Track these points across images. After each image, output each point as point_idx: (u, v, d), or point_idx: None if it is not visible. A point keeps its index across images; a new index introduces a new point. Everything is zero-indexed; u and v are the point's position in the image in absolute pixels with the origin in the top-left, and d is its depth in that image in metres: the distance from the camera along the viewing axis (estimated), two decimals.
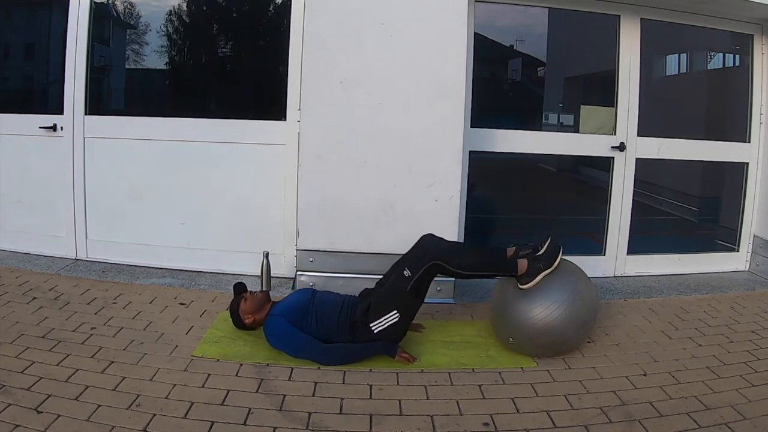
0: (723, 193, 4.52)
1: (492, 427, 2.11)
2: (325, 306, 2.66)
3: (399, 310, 2.58)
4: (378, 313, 2.58)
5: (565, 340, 2.64)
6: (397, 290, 2.60)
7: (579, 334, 2.69)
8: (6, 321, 2.80)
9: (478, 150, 3.62)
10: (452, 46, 3.22)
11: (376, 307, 2.59)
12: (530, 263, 2.61)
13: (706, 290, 3.71)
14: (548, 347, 2.64)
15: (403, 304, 2.60)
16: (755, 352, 2.78)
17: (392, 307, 2.58)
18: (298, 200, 3.35)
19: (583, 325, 2.68)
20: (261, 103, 3.84)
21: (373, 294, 2.70)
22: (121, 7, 3.82)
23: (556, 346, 2.65)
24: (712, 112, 4.40)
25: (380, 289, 2.71)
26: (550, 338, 2.59)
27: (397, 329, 2.60)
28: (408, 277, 2.58)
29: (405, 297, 2.60)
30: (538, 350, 2.67)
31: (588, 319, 2.70)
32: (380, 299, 2.62)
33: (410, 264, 2.61)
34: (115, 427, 1.99)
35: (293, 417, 2.12)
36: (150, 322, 2.89)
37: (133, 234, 3.73)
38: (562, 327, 2.57)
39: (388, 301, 2.60)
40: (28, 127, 3.71)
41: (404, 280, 2.59)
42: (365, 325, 2.58)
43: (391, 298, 2.60)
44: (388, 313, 2.57)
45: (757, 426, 2.14)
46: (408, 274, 2.58)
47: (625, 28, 3.76)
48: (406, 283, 2.58)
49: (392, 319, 2.57)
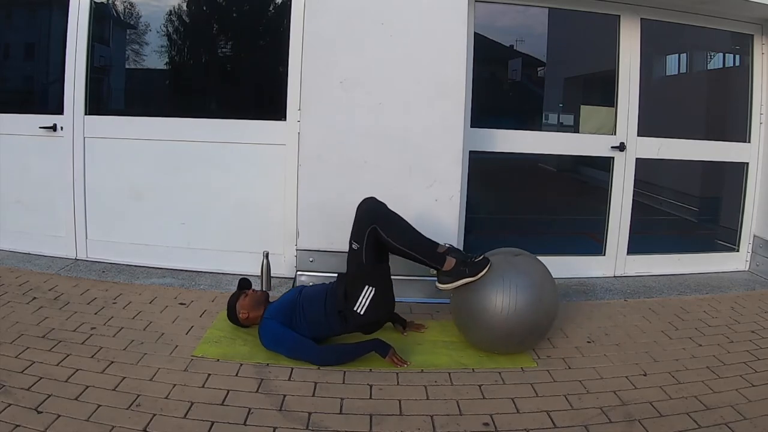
0: (723, 193, 4.52)
1: (492, 427, 2.11)
2: (311, 302, 2.66)
3: (369, 283, 2.57)
4: (354, 295, 2.58)
5: (537, 329, 2.62)
6: (357, 265, 2.58)
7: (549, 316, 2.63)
8: (6, 321, 2.80)
9: (478, 150, 3.62)
10: (452, 46, 3.22)
11: (350, 290, 2.60)
12: (457, 264, 2.58)
13: (706, 290, 3.71)
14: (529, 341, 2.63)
15: (369, 275, 2.59)
16: (755, 352, 2.78)
17: (362, 283, 2.58)
18: (298, 200, 3.35)
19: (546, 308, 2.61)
20: (261, 103, 3.84)
21: (345, 276, 2.69)
22: (121, 7, 3.82)
23: (535, 337, 2.65)
24: (712, 112, 4.41)
25: (347, 270, 2.70)
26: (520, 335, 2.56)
27: (380, 301, 2.59)
28: (358, 249, 2.56)
29: (367, 268, 2.57)
30: (522, 347, 2.66)
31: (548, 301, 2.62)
32: (349, 280, 2.63)
33: (355, 235, 2.60)
34: (115, 427, 1.99)
35: (293, 417, 2.12)
36: (150, 322, 2.89)
37: (133, 234, 3.73)
38: (525, 320, 2.53)
39: (356, 280, 2.60)
40: (28, 127, 3.71)
41: (356, 253, 2.57)
42: (350, 310, 2.59)
43: (357, 275, 2.60)
44: (362, 291, 2.57)
45: (757, 426, 2.14)
46: (356, 247, 2.57)
47: (625, 28, 3.76)
48: (360, 255, 2.56)
49: (368, 294, 2.57)
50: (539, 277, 2.64)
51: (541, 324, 2.62)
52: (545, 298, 2.61)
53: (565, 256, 3.83)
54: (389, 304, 2.66)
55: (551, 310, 2.66)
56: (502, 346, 2.65)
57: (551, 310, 2.66)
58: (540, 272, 2.66)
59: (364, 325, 2.65)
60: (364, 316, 2.59)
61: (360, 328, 2.66)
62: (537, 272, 2.65)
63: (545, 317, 2.63)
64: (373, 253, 2.57)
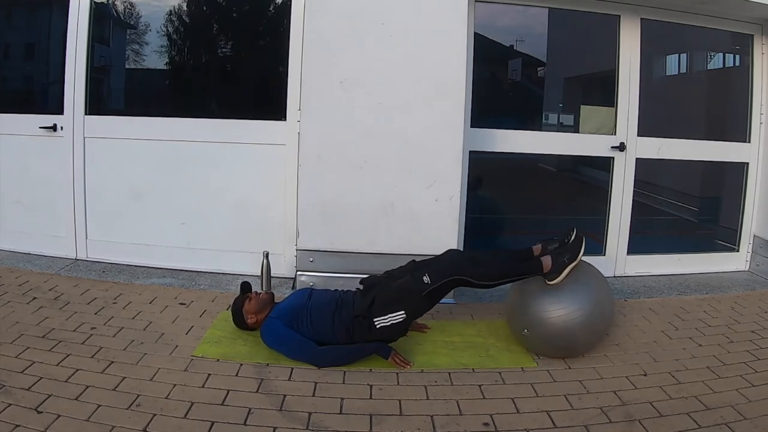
0: (723, 193, 4.52)
1: (492, 427, 2.11)
2: (320, 310, 2.62)
3: (407, 311, 2.55)
4: (384, 310, 2.54)
5: (577, 343, 2.65)
6: (411, 292, 2.56)
7: (589, 340, 2.69)
8: (6, 321, 2.80)
9: (478, 150, 3.62)
10: (452, 46, 3.22)
11: (383, 303, 2.55)
12: (554, 259, 2.63)
13: (706, 290, 3.71)
14: (559, 348, 2.65)
15: (413, 306, 2.58)
16: (755, 352, 2.78)
17: (401, 306, 2.55)
18: (298, 200, 3.35)
19: (595, 333, 2.69)
20: (261, 103, 3.83)
21: (380, 286, 2.64)
22: (121, 7, 3.82)
23: (565, 349, 2.65)
24: (712, 112, 4.41)
25: (390, 282, 2.65)
26: (564, 339, 2.59)
27: (399, 329, 2.59)
28: (427, 284, 2.55)
29: (417, 300, 2.58)
30: (547, 348, 2.67)
31: (601, 329, 2.72)
32: (390, 296, 2.57)
33: (432, 272, 2.58)
34: (115, 427, 1.99)
35: (293, 417, 2.12)
36: (150, 322, 2.89)
37: (133, 234, 3.73)
38: (578, 330, 2.57)
39: (398, 300, 2.56)
40: (28, 127, 3.71)
41: (421, 284, 2.55)
42: (368, 318, 2.54)
43: (403, 298, 2.56)
44: (396, 312, 2.54)
45: (757, 426, 2.14)
46: (427, 281, 2.55)
47: (625, 28, 3.76)
48: (423, 288, 2.55)
49: (398, 318, 2.54)
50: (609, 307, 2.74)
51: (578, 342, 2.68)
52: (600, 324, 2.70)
53: None
54: (400, 333, 2.63)
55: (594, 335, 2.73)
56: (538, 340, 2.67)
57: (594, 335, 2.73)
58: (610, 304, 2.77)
59: (369, 340, 2.59)
60: (377, 332, 2.55)
61: (364, 340, 2.60)
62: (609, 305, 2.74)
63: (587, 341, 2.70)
64: (435, 295, 2.60)
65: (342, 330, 2.58)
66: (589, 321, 2.59)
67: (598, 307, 2.64)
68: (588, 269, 2.75)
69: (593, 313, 2.60)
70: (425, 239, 3.24)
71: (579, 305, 2.57)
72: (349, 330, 2.58)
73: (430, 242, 3.20)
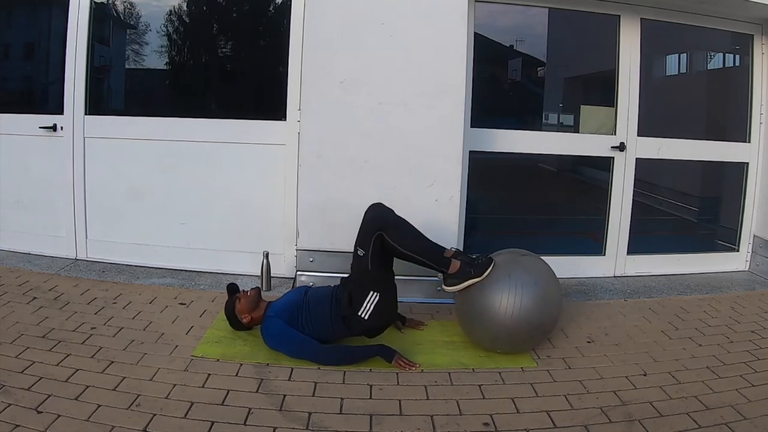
0: (723, 193, 4.52)
1: (492, 427, 2.11)
2: (317, 304, 2.66)
3: (374, 289, 2.58)
4: (359, 300, 2.58)
5: (541, 327, 2.63)
6: (362, 271, 2.59)
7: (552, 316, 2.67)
8: (6, 321, 2.80)
9: (478, 150, 3.62)
10: (452, 46, 3.22)
11: (354, 295, 2.60)
12: (462, 266, 2.61)
13: (706, 290, 3.71)
14: (532, 340, 2.65)
15: (375, 281, 2.60)
16: (755, 352, 2.78)
17: (367, 288, 2.58)
18: (298, 200, 3.35)
19: (551, 307, 2.64)
20: (261, 103, 3.83)
21: (349, 281, 2.69)
22: (121, 7, 3.83)
23: (538, 336, 2.66)
24: (712, 112, 4.41)
25: (352, 274, 2.70)
26: (524, 333, 2.58)
27: (384, 307, 2.60)
28: (363, 256, 2.56)
29: (373, 275, 2.59)
30: (524, 346, 2.68)
31: (552, 300, 2.66)
32: (354, 285, 2.63)
33: (360, 242, 2.60)
34: (115, 427, 1.99)
35: (293, 417, 2.12)
36: (150, 322, 2.89)
37: (133, 234, 3.73)
38: (529, 318, 2.55)
39: (360, 285, 2.60)
40: (28, 127, 3.70)
41: (362, 259, 2.57)
42: (354, 315, 2.59)
43: (362, 280, 2.61)
44: (367, 296, 2.57)
45: (757, 426, 2.14)
46: (362, 253, 2.57)
47: (625, 28, 3.75)
48: (365, 261, 2.56)
49: (373, 299, 2.57)
50: (544, 276, 2.66)
51: (544, 323, 2.64)
52: (550, 297, 2.63)
53: (565, 256, 3.83)
54: (393, 310, 2.67)
55: (555, 309, 2.68)
56: (506, 344, 2.65)
57: (555, 309, 2.68)
58: (545, 272, 2.69)
59: (368, 330, 2.65)
60: (368, 321, 2.59)
61: (364, 332, 2.66)
62: (542, 272, 2.68)
63: (549, 316, 2.65)
64: (379, 259, 2.58)
65: (339, 322, 2.62)
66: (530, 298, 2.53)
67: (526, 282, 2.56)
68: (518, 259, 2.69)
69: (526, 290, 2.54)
70: None
71: (507, 290, 2.53)
72: (348, 330, 2.63)
73: None
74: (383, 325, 2.66)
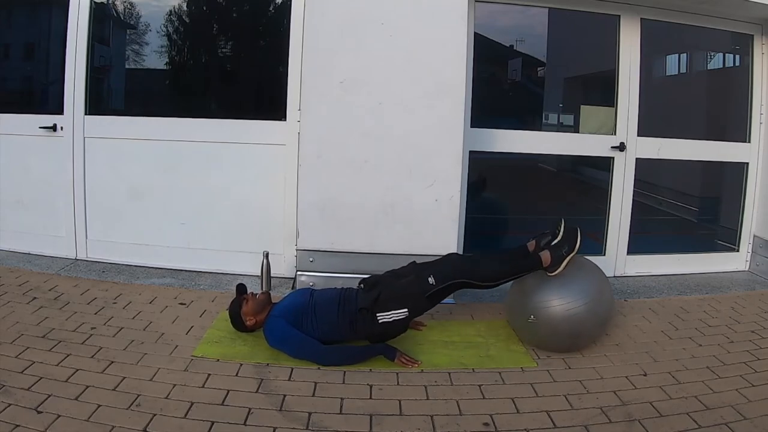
0: (723, 193, 4.52)
1: (492, 427, 2.11)
2: (324, 305, 2.66)
3: (409, 310, 2.63)
4: (387, 306, 2.60)
5: (582, 333, 2.68)
6: (415, 292, 2.64)
7: (595, 330, 2.74)
8: (6, 321, 2.80)
9: (478, 150, 3.62)
10: (452, 46, 3.22)
11: (387, 300, 2.61)
12: (552, 253, 2.68)
13: (706, 290, 3.71)
14: (563, 338, 2.67)
15: (416, 305, 2.66)
16: (755, 352, 2.78)
17: (404, 305, 2.61)
18: (298, 200, 3.35)
19: (600, 323, 2.74)
20: (261, 103, 3.84)
21: (384, 284, 2.69)
22: (121, 7, 3.83)
23: (571, 339, 2.68)
24: (712, 112, 4.40)
25: (394, 281, 2.70)
26: (567, 328, 2.62)
27: (399, 325, 2.65)
28: (432, 285, 2.63)
29: (421, 300, 2.65)
30: (552, 338, 2.69)
31: (605, 318, 2.77)
32: (394, 294, 2.63)
33: (437, 274, 2.65)
34: (115, 427, 1.99)
35: (293, 417, 2.12)
36: (150, 322, 2.89)
37: (133, 234, 3.72)
38: (583, 320, 2.62)
39: (402, 299, 2.62)
40: (28, 127, 3.70)
41: (426, 285, 2.63)
42: (371, 313, 2.60)
43: (407, 296, 2.63)
44: (399, 310, 2.60)
45: (757, 426, 2.14)
46: (432, 282, 2.63)
47: (625, 28, 3.76)
48: (428, 289, 2.63)
49: (400, 315, 2.61)
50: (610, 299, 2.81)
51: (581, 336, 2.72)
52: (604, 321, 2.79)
53: None
54: (400, 330, 2.69)
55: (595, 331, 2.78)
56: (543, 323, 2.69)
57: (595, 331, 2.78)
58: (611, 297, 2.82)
59: (372, 335, 2.66)
60: (379, 326, 2.61)
61: (368, 336, 2.66)
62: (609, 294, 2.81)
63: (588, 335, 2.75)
64: (439, 295, 2.69)
65: (346, 324, 2.62)
66: (591, 311, 2.63)
67: (599, 299, 2.69)
68: (587, 264, 2.81)
69: (594, 304, 2.65)
70: (425, 239, 3.25)
71: (580, 296, 2.62)
72: (353, 324, 2.62)
73: (430, 242, 3.21)
74: (387, 337, 2.67)
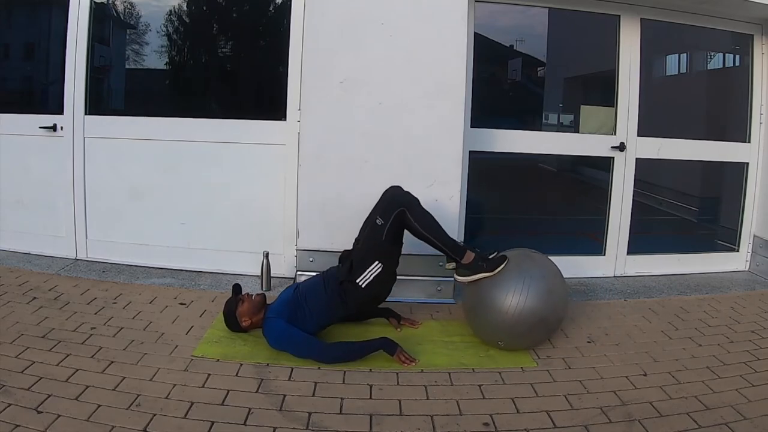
0: (723, 193, 4.52)
1: (492, 427, 2.12)
2: (312, 292, 2.71)
3: (380, 260, 2.65)
4: (361, 267, 2.64)
5: (544, 322, 2.64)
6: (374, 241, 2.66)
7: (556, 313, 2.70)
8: (6, 321, 2.80)
9: (478, 150, 3.62)
10: (452, 46, 3.22)
11: (358, 262, 2.66)
12: (476, 258, 2.67)
13: (706, 290, 3.71)
14: (534, 334, 2.67)
15: (383, 252, 2.67)
16: (755, 352, 2.78)
17: (373, 258, 2.65)
18: (298, 200, 3.35)
19: (555, 303, 2.68)
20: (261, 103, 3.84)
21: (353, 251, 2.75)
22: (121, 7, 3.83)
23: (541, 332, 2.68)
24: (712, 112, 4.41)
25: (357, 244, 2.76)
26: (527, 325, 2.60)
27: (382, 279, 2.67)
28: (381, 225, 2.64)
29: (383, 246, 2.67)
30: (525, 341, 2.69)
31: (558, 296, 2.70)
32: (361, 254, 2.68)
33: (381, 212, 2.68)
34: (115, 427, 1.99)
35: (293, 417, 2.12)
36: (150, 322, 2.89)
37: (133, 234, 3.72)
38: (534, 310, 2.58)
39: (368, 253, 2.66)
40: (28, 127, 3.70)
41: (378, 228, 2.64)
42: (352, 282, 2.64)
43: (371, 249, 2.67)
44: (371, 265, 2.64)
45: (757, 426, 2.14)
46: (381, 222, 2.65)
47: (625, 28, 3.75)
48: (381, 231, 2.64)
49: (375, 269, 2.64)
50: (552, 273, 2.73)
51: (548, 319, 2.66)
52: (556, 293, 2.69)
53: (565, 256, 3.80)
54: (389, 285, 2.74)
55: (561, 306, 2.73)
56: (508, 337, 2.66)
57: (561, 306, 2.73)
58: (552, 269, 2.75)
59: (362, 301, 2.70)
60: (365, 290, 2.64)
61: (358, 304, 2.71)
62: (550, 268, 2.74)
63: (553, 313, 2.68)
64: (394, 232, 2.68)
65: (337, 301, 2.67)
66: (536, 297, 2.58)
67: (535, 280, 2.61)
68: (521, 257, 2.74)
69: (535, 288, 2.59)
70: None
71: (517, 287, 2.58)
72: (342, 298, 2.67)
73: None
74: (377, 297, 2.72)
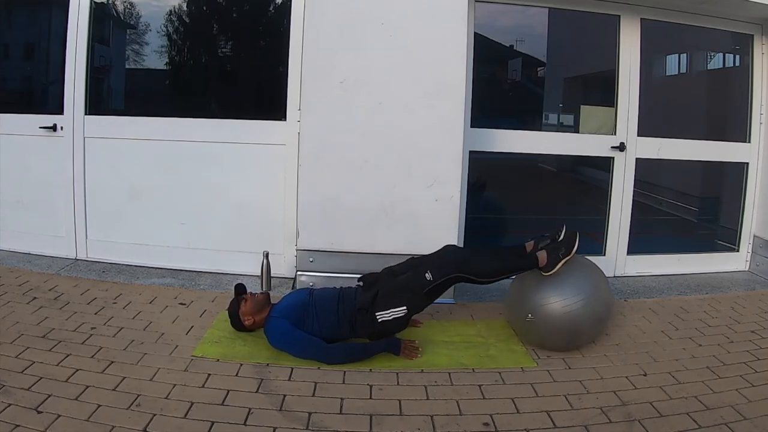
0: (723, 193, 4.52)
1: (492, 427, 2.12)
2: (324, 304, 2.67)
3: (408, 307, 2.62)
4: (386, 304, 2.60)
5: (580, 331, 2.68)
6: (413, 288, 2.64)
7: (594, 328, 2.74)
8: (6, 321, 2.80)
9: (478, 150, 3.62)
10: (452, 46, 3.22)
11: (385, 297, 2.61)
12: (549, 254, 2.69)
13: (706, 290, 3.71)
14: (562, 336, 2.68)
15: (415, 302, 2.65)
16: (755, 352, 2.78)
17: (403, 302, 2.61)
18: (298, 200, 3.35)
19: (598, 321, 2.74)
20: (261, 103, 3.84)
21: (382, 282, 2.71)
22: (121, 7, 3.83)
23: (570, 337, 2.69)
24: (712, 112, 4.40)
25: (392, 278, 2.72)
26: (566, 326, 2.63)
27: (399, 323, 2.64)
28: (429, 281, 2.62)
29: (419, 296, 2.64)
30: (551, 337, 2.70)
31: (603, 317, 2.77)
32: (393, 291, 2.64)
33: (433, 268, 2.65)
34: (115, 427, 1.99)
35: (293, 417, 2.12)
36: (150, 322, 2.89)
37: (133, 234, 3.73)
38: (581, 318, 2.63)
39: (399, 296, 2.62)
40: (28, 127, 3.70)
41: (423, 281, 2.63)
42: (371, 313, 2.60)
43: (404, 293, 2.63)
44: (397, 307, 2.60)
45: (757, 426, 2.14)
46: (429, 278, 2.62)
47: (625, 28, 3.76)
48: (425, 284, 2.62)
49: (399, 313, 2.61)
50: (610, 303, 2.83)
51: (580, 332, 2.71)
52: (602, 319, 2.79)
53: None
54: (400, 327, 2.69)
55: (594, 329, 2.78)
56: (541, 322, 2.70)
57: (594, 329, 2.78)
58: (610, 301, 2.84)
59: (371, 334, 2.66)
60: (379, 325, 2.61)
61: (369, 335, 2.67)
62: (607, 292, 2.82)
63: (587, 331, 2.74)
64: (437, 291, 2.69)
65: (346, 323, 2.64)
66: (589, 310, 2.64)
67: (597, 296, 2.70)
68: (586, 263, 2.83)
69: (593, 302, 2.66)
70: (425, 239, 3.24)
71: (578, 294, 2.63)
72: (352, 323, 2.64)
73: (430, 242, 3.19)
74: (386, 333, 2.67)
